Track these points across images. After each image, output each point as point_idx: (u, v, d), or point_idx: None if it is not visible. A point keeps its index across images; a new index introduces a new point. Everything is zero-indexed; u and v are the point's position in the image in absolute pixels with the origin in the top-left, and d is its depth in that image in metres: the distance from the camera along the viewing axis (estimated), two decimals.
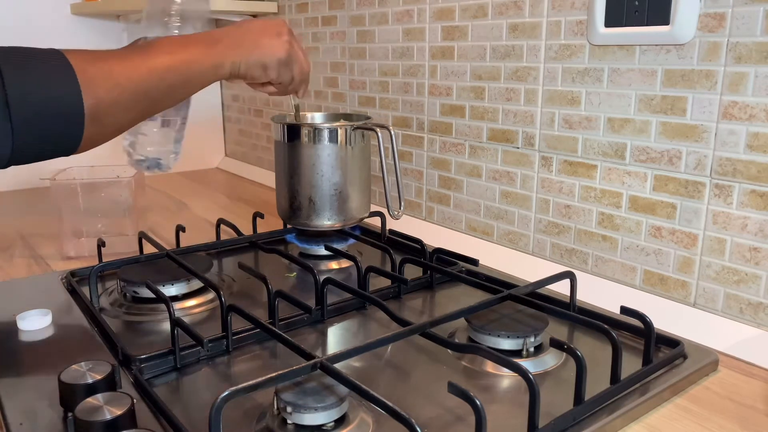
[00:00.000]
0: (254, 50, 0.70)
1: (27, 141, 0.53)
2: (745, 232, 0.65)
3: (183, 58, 0.63)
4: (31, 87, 0.53)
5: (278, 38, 0.72)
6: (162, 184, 1.48)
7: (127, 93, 0.58)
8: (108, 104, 0.57)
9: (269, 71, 0.72)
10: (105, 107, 0.57)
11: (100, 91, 0.56)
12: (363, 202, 0.93)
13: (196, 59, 0.65)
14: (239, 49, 0.69)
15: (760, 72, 0.62)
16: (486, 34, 0.89)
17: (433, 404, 0.54)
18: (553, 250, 0.85)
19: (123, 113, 0.59)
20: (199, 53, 0.65)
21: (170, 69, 0.62)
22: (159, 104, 0.64)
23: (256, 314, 0.63)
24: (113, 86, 0.57)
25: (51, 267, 0.90)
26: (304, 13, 1.30)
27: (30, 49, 0.55)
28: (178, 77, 0.63)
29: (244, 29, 0.71)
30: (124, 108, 0.59)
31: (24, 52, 0.54)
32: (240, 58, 0.68)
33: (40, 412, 0.52)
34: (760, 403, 0.56)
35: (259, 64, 0.70)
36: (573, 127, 0.80)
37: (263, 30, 0.71)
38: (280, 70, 0.73)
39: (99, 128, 0.57)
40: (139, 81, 0.59)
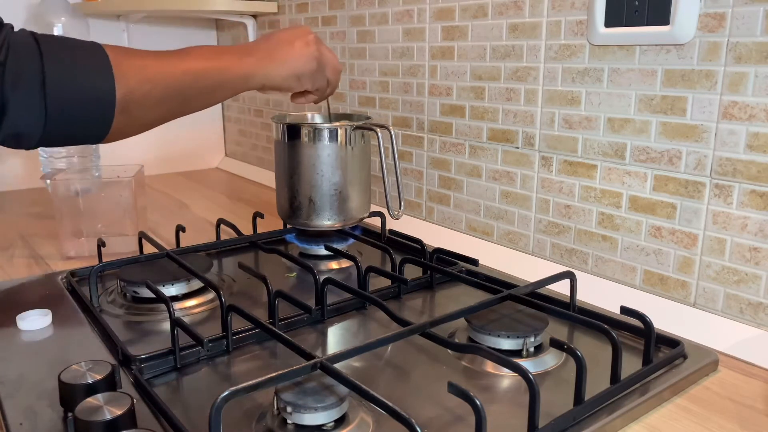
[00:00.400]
0: (286, 63, 0.72)
1: (58, 124, 0.56)
2: (745, 232, 0.65)
3: (216, 64, 0.66)
4: (68, 72, 0.55)
5: (307, 48, 0.74)
6: (162, 184, 1.48)
7: (159, 88, 0.61)
8: (139, 96, 0.59)
9: (303, 81, 0.75)
10: (136, 99, 0.59)
11: (132, 83, 0.58)
12: (363, 202, 0.93)
13: (228, 67, 0.67)
14: (271, 62, 0.71)
15: (760, 72, 0.62)
16: (486, 34, 0.89)
17: (433, 404, 0.54)
18: (553, 250, 0.85)
19: (153, 108, 0.61)
20: (231, 62, 0.68)
21: (202, 72, 0.64)
22: (188, 105, 0.65)
23: (256, 314, 0.63)
24: (146, 80, 0.59)
25: (51, 267, 0.90)
26: (304, 13, 1.30)
27: (70, 38, 0.58)
28: (209, 81, 0.65)
29: (275, 42, 0.73)
30: (155, 103, 0.61)
31: (64, 40, 0.57)
32: (273, 70, 0.71)
33: (40, 412, 0.52)
34: (760, 403, 0.56)
35: (293, 76, 0.73)
36: (573, 127, 0.80)
37: (292, 41, 0.74)
38: (314, 78, 0.76)
39: (128, 119, 0.59)
40: (172, 79, 0.62)
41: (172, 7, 1.31)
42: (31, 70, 0.53)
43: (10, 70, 0.52)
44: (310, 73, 0.75)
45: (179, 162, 1.65)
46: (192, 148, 1.67)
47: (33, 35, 0.55)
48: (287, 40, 0.74)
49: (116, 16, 1.50)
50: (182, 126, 1.62)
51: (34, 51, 0.54)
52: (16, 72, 0.52)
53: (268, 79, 0.71)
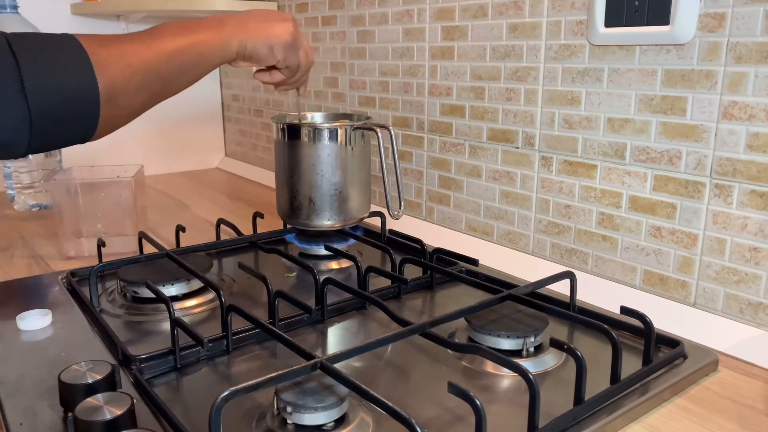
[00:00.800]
0: (260, 31, 0.71)
1: (45, 126, 0.54)
2: (745, 232, 0.65)
3: (191, 39, 0.65)
4: (47, 71, 0.53)
5: (283, 23, 0.73)
6: (162, 184, 1.48)
7: (139, 73, 0.59)
8: (122, 84, 0.58)
9: (276, 52, 0.73)
10: (119, 87, 0.58)
11: (113, 72, 0.57)
12: (363, 202, 0.93)
13: (204, 40, 0.66)
14: (245, 30, 0.70)
15: (760, 72, 0.62)
16: (486, 34, 0.89)
17: (433, 404, 0.54)
18: (553, 250, 0.85)
19: (136, 93, 0.60)
20: (206, 35, 0.66)
21: (179, 50, 0.63)
22: (171, 85, 0.64)
23: (256, 314, 0.63)
24: (125, 66, 0.58)
25: (51, 267, 0.90)
26: (304, 13, 1.30)
27: (41, 34, 0.56)
28: (188, 57, 0.64)
29: (249, 14, 0.72)
30: (138, 88, 0.60)
31: (36, 38, 0.55)
32: (246, 38, 0.69)
33: (40, 412, 0.52)
34: (760, 403, 0.56)
35: (265, 45, 0.71)
36: (573, 127, 0.80)
37: (268, 15, 0.73)
38: (286, 52, 0.74)
39: (114, 110, 0.58)
40: (150, 61, 0.60)
41: (172, 7, 1.31)
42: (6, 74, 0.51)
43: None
44: (284, 46, 0.73)
45: (179, 162, 1.65)
46: (192, 148, 1.67)
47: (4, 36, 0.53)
48: (263, 13, 0.73)
49: (116, 16, 1.50)
50: (182, 126, 1.62)
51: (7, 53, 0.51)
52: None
53: (242, 46, 0.69)
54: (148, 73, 0.60)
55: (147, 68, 0.60)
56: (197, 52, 0.65)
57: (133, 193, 0.95)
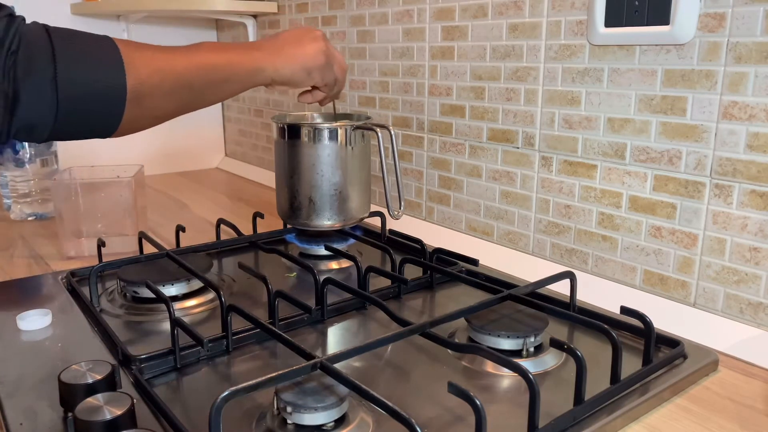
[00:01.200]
0: (296, 57, 0.73)
1: (70, 115, 0.56)
2: (745, 232, 0.65)
3: (224, 57, 0.67)
4: (79, 64, 0.55)
5: (315, 43, 0.75)
6: (162, 184, 1.48)
7: (169, 80, 0.61)
8: (150, 87, 0.59)
9: (313, 75, 0.75)
10: (147, 90, 0.59)
11: (142, 74, 0.59)
12: (363, 202, 0.93)
13: (238, 61, 0.68)
14: (280, 56, 0.72)
15: (760, 72, 0.62)
16: (486, 34, 0.89)
17: (433, 404, 0.54)
18: (553, 250, 0.85)
19: (163, 100, 0.62)
20: (241, 56, 0.68)
21: (212, 65, 0.65)
22: (199, 98, 0.66)
23: (256, 314, 0.63)
24: (156, 71, 0.60)
25: (51, 267, 0.90)
26: (304, 13, 1.30)
27: (80, 31, 0.58)
28: (219, 74, 0.66)
29: (283, 38, 0.74)
30: (165, 94, 0.61)
31: (74, 33, 0.57)
32: (281, 64, 0.72)
33: (40, 412, 0.52)
34: (760, 403, 0.56)
35: (302, 69, 0.74)
36: (573, 127, 0.80)
37: (300, 38, 0.75)
38: (323, 73, 0.77)
39: (139, 111, 0.60)
40: (182, 71, 0.62)
41: (172, 7, 1.31)
42: (42, 62, 0.53)
43: (21, 61, 0.53)
44: (319, 68, 0.75)
45: (179, 162, 1.65)
46: (192, 148, 1.67)
47: (45, 27, 0.56)
48: (295, 36, 0.75)
49: (116, 16, 1.50)
50: (182, 126, 1.62)
51: (46, 42, 0.54)
52: (28, 63, 0.53)
53: (278, 73, 0.71)
54: (177, 81, 0.62)
55: (177, 76, 0.62)
56: (228, 70, 0.67)
57: (133, 193, 0.95)
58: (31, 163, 1.12)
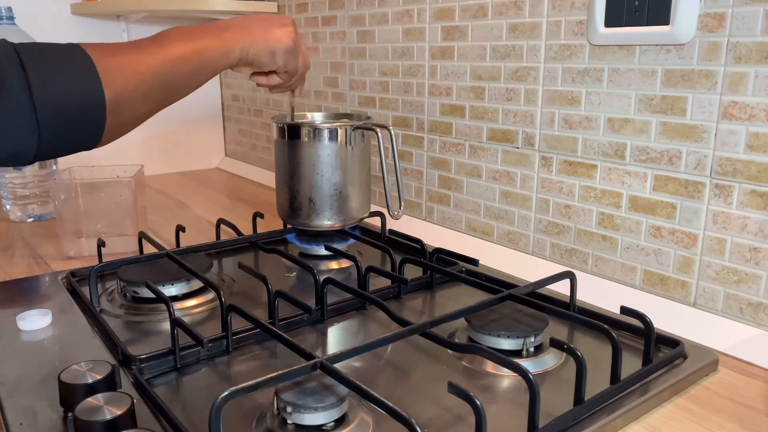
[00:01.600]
0: (262, 37, 0.71)
1: (52, 135, 0.54)
2: (745, 232, 0.65)
3: (195, 46, 0.65)
4: (54, 81, 0.54)
5: (285, 28, 0.74)
6: (162, 184, 1.48)
7: (146, 82, 0.60)
8: (128, 93, 0.58)
9: (277, 58, 0.74)
10: (125, 96, 0.58)
11: (119, 81, 0.57)
12: (363, 202, 0.93)
13: (208, 46, 0.66)
14: (248, 36, 0.70)
15: (760, 72, 0.62)
16: (486, 34, 0.89)
17: (433, 404, 0.54)
18: (553, 250, 0.85)
19: (142, 102, 0.61)
20: (210, 41, 0.67)
21: (183, 57, 0.64)
22: (175, 92, 0.65)
23: (256, 314, 0.63)
24: (131, 75, 0.59)
25: (51, 267, 0.90)
26: (304, 13, 1.30)
27: (48, 44, 0.56)
28: (192, 65, 0.65)
29: (251, 18, 0.73)
30: (143, 96, 0.60)
31: (43, 48, 0.55)
32: (249, 44, 0.70)
33: (40, 412, 0.52)
34: (760, 403, 0.56)
35: (267, 51, 0.72)
36: (573, 127, 0.80)
37: (269, 20, 0.74)
38: (287, 58, 0.75)
39: (119, 118, 0.59)
40: (155, 70, 0.61)
41: (172, 7, 1.31)
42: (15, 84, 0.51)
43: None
44: (285, 51, 0.74)
45: (179, 162, 1.65)
46: (192, 148, 1.67)
47: (13, 46, 0.53)
48: (265, 18, 0.74)
49: (116, 16, 1.50)
50: (182, 126, 1.62)
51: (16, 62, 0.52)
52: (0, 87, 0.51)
53: (244, 52, 0.70)
54: (153, 82, 0.61)
55: (152, 76, 0.61)
56: (201, 59, 0.66)
57: (133, 193, 0.95)
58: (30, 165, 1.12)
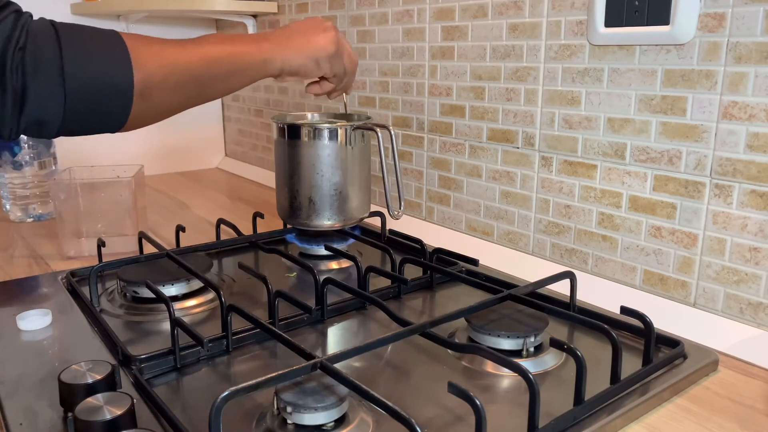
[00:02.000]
0: (304, 47, 0.73)
1: (78, 111, 0.56)
2: (745, 232, 0.65)
3: (231, 49, 0.66)
4: (86, 58, 0.55)
5: (325, 33, 0.75)
6: (162, 184, 1.48)
7: (177, 73, 0.61)
8: (157, 81, 0.59)
9: (322, 65, 0.75)
10: (154, 83, 0.59)
11: (150, 67, 0.59)
12: (363, 202, 0.93)
13: (245, 51, 0.67)
14: (289, 47, 0.71)
15: (760, 72, 0.62)
16: (486, 34, 0.89)
17: (433, 404, 0.54)
18: (553, 250, 0.85)
19: (171, 93, 0.61)
20: (248, 47, 0.68)
21: (219, 58, 0.65)
22: (206, 91, 0.66)
23: (256, 314, 0.63)
24: (163, 65, 0.60)
25: (51, 267, 0.90)
26: (304, 13, 1.30)
27: (87, 26, 0.58)
28: (227, 67, 0.66)
29: (291, 28, 0.74)
30: (173, 88, 0.61)
31: (81, 28, 0.57)
32: (291, 54, 0.71)
33: (40, 412, 0.52)
34: (760, 403, 0.56)
35: (311, 59, 0.73)
36: (573, 127, 0.80)
37: (310, 28, 0.74)
38: (332, 63, 0.76)
39: (147, 105, 0.60)
40: (189, 64, 0.62)
41: (172, 7, 1.31)
42: (49, 57, 0.53)
43: (29, 56, 0.53)
44: (328, 57, 0.75)
45: (179, 162, 1.65)
46: (192, 148, 1.67)
47: (52, 23, 0.56)
48: (305, 26, 0.74)
49: (116, 16, 1.50)
50: (182, 126, 1.62)
51: (53, 38, 0.54)
52: (35, 58, 0.53)
53: (286, 63, 0.71)
54: (184, 75, 0.62)
55: (184, 69, 0.61)
56: (235, 63, 0.66)
57: (133, 193, 0.95)
58: (29, 166, 1.12)
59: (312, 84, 0.83)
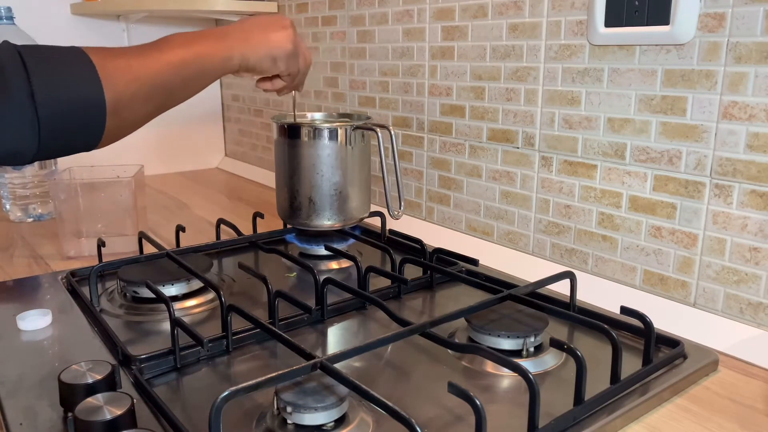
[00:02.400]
0: (263, 43, 0.72)
1: (52, 135, 0.55)
2: (745, 232, 0.65)
3: (196, 51, 0.65)
4: (55, 82, 0.54)
5: (284, 31, 0.74)
6: (162, 184, 1.48)
7: (146, 86, 0.60)
8: (128, 97, 0.59)
9: (278, 63, 0.74)
10: (125, 100, 0.59)
11: (119, 84, 0.58)
12: (363, 202, 0.93)
13: (208, 52, 0.67)
14: (248, 42, 0.71)
15: (760, 72, 0.62)
16: (486, 34, 0.89)
17: (433, 404, 0.54)
18: (553, 250, 0.85)
19: (141, 106, 0.61)
20: (210, 46, 0.67)
21: (184, 62, 0.64)
22: (175, 97, 0.65)
23: (256, 314, 0.63)
24: (132, 79, 0.59)
25: (51, 267, 0.90)
26: (304, 13, 1.30)
27: (50, 47, 0.57)
28: (192, 70, 0.65)
29: (251, 24, 0.73)
30: (143, 100, 0.61)
31: (45, 50, 0.56)
32: (249, 51, 0.71)
33: (40, 412, 0.52)
34: (760, 403, 0.56)
35: (268, 57, 0.72)
36: (573, 127, 0.80)
37: (269, 24, 0.73)
38: (288, 62, 0.75)
39: (119, 121, 0.59)
40: (156, 74, 0.61)
41: (172, 7, 1.31)
42: (17, 84, 0.52)
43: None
44: (286, 56, 0.74)
45: (179, 162, 1.65)
46: (192, 148, 1.67)
47: (15, 48, 0.54)
48: (264, 23, 0.74)
49: (116, 16, 1.50)
50: (182, 126, 1.62)
51: (18, 64, 0.53)
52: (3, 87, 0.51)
53: (245, 59, 0.70)
54: (153, 86, 0.61)
55: (153, 81, 0.61)
56: (201, 64, 0.66)
57: (133, 193, 0.95)
58: (30, 166, 1.12)
59: (263, 80, 0.81)
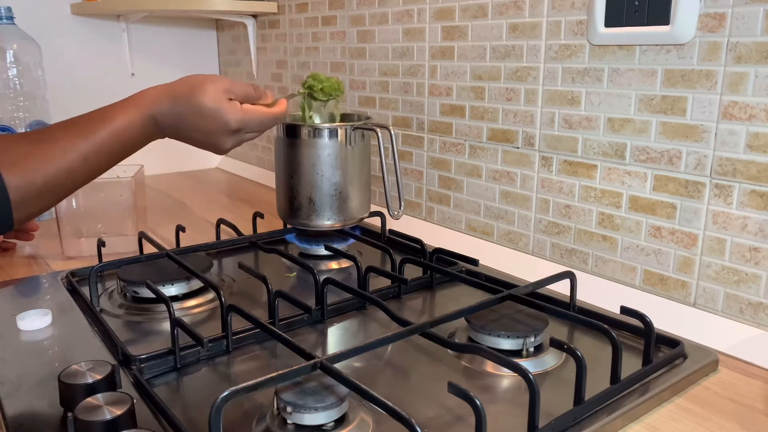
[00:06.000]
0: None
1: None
2: (745, 232, 0.65)
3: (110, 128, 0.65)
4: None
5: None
6: (162, 184, 1.48)
7: (50, 179, 0.60)
8: (34, 192, 0.59)
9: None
10: (32, 195, 0.59)
11: (22, 184, 0.58)
12: (363, 202, 0.93)
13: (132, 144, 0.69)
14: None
15: (760, 72, 0.62)
16: (486, 34, 0.89)
17: (433, 404, 0.54)
18: (553, 250, 0.85)
19: (49, 196, 0.61)
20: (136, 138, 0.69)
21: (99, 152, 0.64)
22: (86, 181, 0.65)
23: (256, 314, 0.63)
24: (36, 178, 0.59)
25: (51, 267, 0.90)
26: (304, 13, 1.30)
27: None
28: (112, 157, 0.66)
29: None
30: (50, 191, 0.61)
31: None
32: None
33: (40, 412, 0.52)
34: (760, 403, 0.56)
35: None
36: (573, 127, 0.80)
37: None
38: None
39: (28, 210, 0.60)
40: (66, 168, 0.61)
41: (172, 7, 1.31)
42: None
43: None
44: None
45: (179, 162, 1.65)
46: (192, 148, 1.66)
47: None
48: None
49: (116, 16, 1.50)
50: None
51: None
52: None
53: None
54: (60, 177, 0.61)
55: (58, 173, 0.60)
56: (110, 148, 0.65)
57: (133, 193, 0.95)
58: None
59: None
